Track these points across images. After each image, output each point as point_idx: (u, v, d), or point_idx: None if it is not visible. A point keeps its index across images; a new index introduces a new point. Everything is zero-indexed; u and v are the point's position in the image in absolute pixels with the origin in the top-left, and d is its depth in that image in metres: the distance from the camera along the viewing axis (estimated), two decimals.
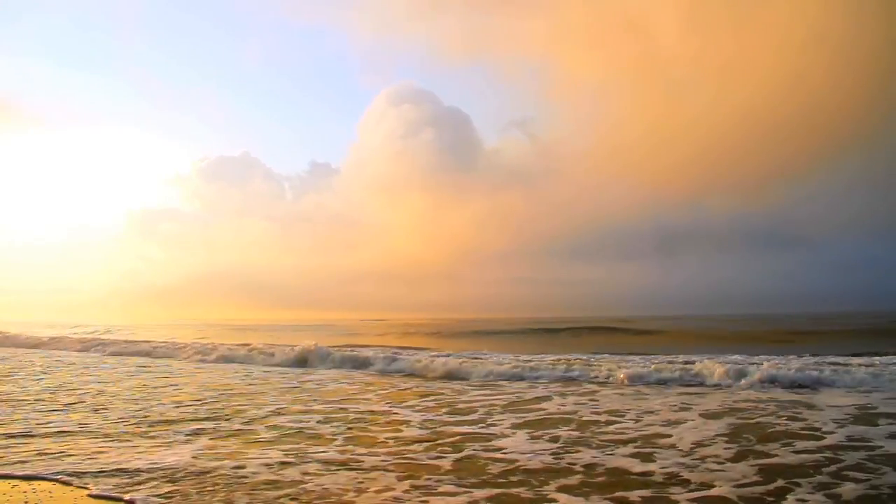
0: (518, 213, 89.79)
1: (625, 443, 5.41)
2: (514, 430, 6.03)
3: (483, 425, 6.34)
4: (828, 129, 57.98)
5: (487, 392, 9.01)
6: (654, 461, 4.74)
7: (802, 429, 5.87)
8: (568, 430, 5.99)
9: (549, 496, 3.94)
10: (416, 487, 4.12)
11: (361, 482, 4.23)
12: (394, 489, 4.08)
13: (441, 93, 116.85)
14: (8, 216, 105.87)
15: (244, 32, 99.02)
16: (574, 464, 4.69)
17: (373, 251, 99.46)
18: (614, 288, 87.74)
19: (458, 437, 5.74)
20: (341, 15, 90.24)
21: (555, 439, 5.59)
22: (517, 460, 4.82)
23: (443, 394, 8.96)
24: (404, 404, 7.94)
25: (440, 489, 4.08)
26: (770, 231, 75.42)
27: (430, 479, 4.32)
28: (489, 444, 5.45)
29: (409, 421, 6.66)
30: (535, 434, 5.84)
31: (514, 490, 4.05)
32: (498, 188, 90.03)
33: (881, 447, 5.06)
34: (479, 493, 3.97)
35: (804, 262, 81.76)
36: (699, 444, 5.25)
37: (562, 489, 4.07)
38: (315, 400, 8.38)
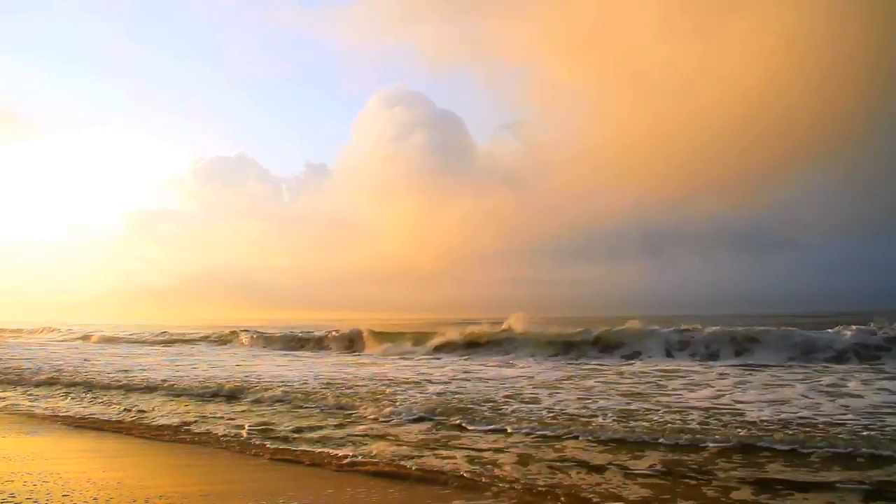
0: (509, 215, 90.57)
1: None
2: None
3: None
4: (813, 132, 58.61)
5: None
6: None
7: None
8: None
9: None
10: None
11: None
12: None
13: (434, 96, 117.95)
14: (9, 218, 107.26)
15: (240, 36, 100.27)
16: None
17: (367, 252, 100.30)
18: (603, 288, 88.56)
19: None
20: (336, 19, 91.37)
21: None
22: None
23: None
24: None
25: None
26: (755, 233, 76.22)
27: None
28: None
29: None
30: None
31: None
32: (489, 190, 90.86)
33: None
34: None
35: (790, 263, 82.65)
36: None
37: None
38: None
